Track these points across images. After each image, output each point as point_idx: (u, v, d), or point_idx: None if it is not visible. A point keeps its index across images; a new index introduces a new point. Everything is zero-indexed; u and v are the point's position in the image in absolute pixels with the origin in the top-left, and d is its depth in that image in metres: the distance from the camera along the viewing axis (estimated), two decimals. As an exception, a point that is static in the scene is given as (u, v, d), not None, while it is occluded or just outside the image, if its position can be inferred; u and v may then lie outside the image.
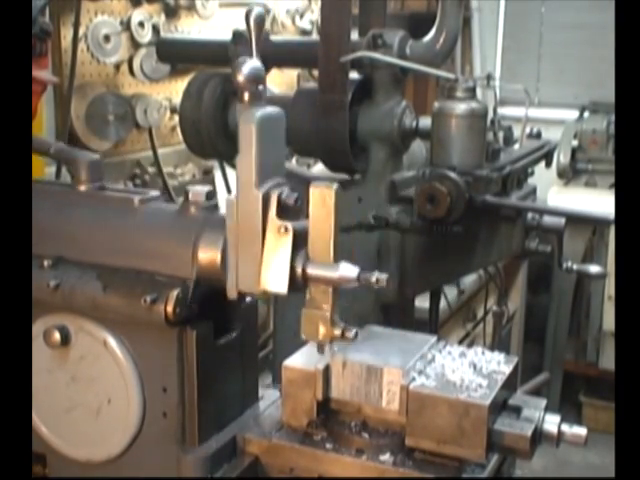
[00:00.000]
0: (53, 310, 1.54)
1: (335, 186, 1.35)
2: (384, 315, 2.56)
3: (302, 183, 1.44)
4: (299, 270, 1.38)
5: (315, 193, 1.35)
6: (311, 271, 1.38)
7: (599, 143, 5.08)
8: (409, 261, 2.53)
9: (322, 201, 1.35)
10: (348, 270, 1.36)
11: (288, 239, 1.37)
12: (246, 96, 1.39)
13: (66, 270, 1.52)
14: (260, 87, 1.41)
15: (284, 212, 1.39)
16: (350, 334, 1.39)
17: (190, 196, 1.52)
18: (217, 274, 1.43)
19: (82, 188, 1.64)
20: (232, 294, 1.42)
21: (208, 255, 1.44)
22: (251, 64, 1.40)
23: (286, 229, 1.37)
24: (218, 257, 1.43)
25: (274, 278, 1.38)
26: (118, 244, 1.53)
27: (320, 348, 1.45)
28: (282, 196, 1.39)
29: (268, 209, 1.38)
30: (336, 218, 1.35)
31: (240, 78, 1.38)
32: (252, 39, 1.48)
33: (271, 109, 1.42)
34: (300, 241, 1.38)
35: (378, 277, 1.35)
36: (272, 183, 1.40)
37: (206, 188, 1.54)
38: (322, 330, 1.39)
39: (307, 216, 1.38)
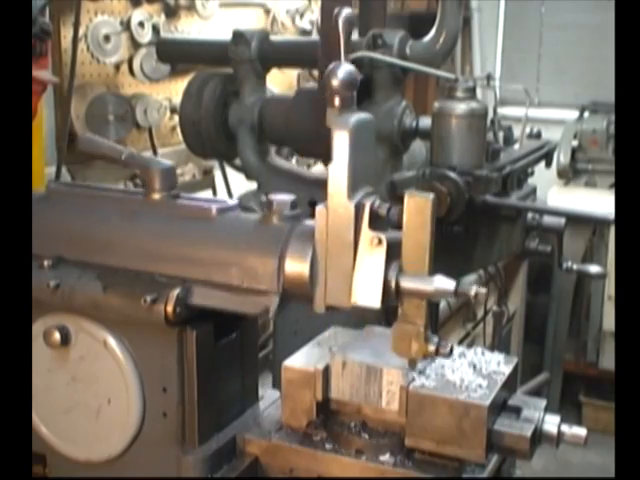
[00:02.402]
0: (53, 310, 1.54)
1: (431, 196, 1.29)
2: (384, 315, 2.55)
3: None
4: (392, 283, 1.32)
5: (410, 203, 1.29)
6: (405, 284, 1.32)
7: (599, 143, 5.08)
8: (409, 261, 2.52)
9: (418, 211, 1.29)
10: (444, 283, 1.30)
11: (381, 251, 1.31)
12: (337, 101, 1.33)
13: (66, 270, 1.52)
14: (354, 93, 1.35)
15: (374, 222, 1.33)
16: (445, 350, 1.33)
17: (274, 205, 1.44)
18: (304, 287, 1.37)
19: (156, 197, 1.56)
20: (320, 308, 1.36)
21: (295, 267, 1.37)
22: (346, 68, 1.34)
23: (380, 241, 1.31)
24: (306, 269, 1.36)
25: (366, 292, 1.32)
26: (196, 256, 1.46)
27: (411, 364, 1.39)
28: (374, 206, 1.33)
29: (361, 220, 1.32)
30: (432, 229, 1.29)
31: (334, 82, 1.32)
32: (341, 40, 1.42)
33: (363, 115, 1.36)
34: (393, 253, 1.32)
35: (478, 291, 1.29)
36: (363, 192, 1.35)
37: (290, 197, 1.46)
38: (415, 346, 1.33)
39: (395, 226, 1.32)
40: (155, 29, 3.47)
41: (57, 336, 1.51)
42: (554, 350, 5.14)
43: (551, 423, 1.44)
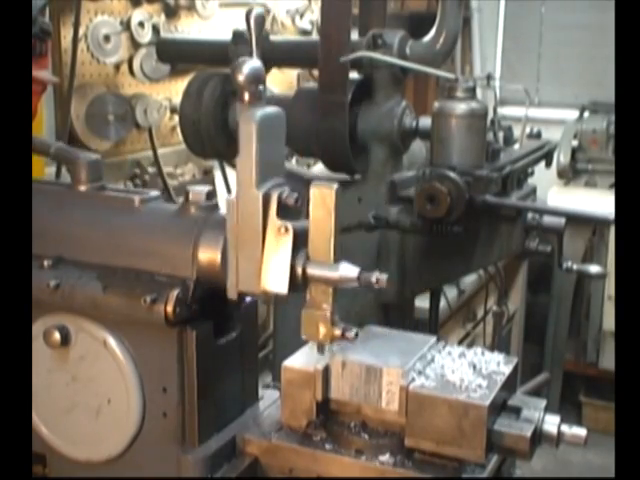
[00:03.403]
0: (53, 310, 1.54)
1: (335, 186, 1.35)
2: (384, 315, 2.56)
3: (302, 183, 1.44)
4: (299, 270, 1.38)
5: (315, 193, 1.36)
6: (311, 271, 1.38)
7: (599, 143, 5.08)
8: (409, 261, 2.53)
9: (322, 201, 1.35)
10: (348, 270, 1.37)
11: (288, 239, 1.37)
12: (246, 96, 1.39)
13: (66, 270, 1.52)
14: (260, 87, 1.41)
15: (284, 212, 1.39)
16: (350, 334, 1.39)
17: (190, 196, 1.52)
18: (217, 274, 1.43)
19: (82, 188, 1.64)
20: (232, 294, 1.42)
21: (208, 255, 1.45)
22: (251, 64, 1.40)
23: (286, 229, 1.37)
24: (218, 257, 1.43)
25: (274, 278, 1.38)
26: (118, 244, 1.53)
27: (320, 348, 1.45)
28: (282, 196, 1.39)
29: (268, 209, 1.38)
30: (336, 218, 1.35)
31: (240, 78, 1.39)
32: (252, 39, 1.48)
33: (271, 109, 1.42)
34: (300, 241, 1.38)
35: (378, 277, 1.36)
36: (272, 183, 1.40)
37: (206, 188, 1.54)
38: (322, 330, 1.39)
39: (307, 216, 1.38)
40: (155, 29, 3.47)
41: (57, 336, 1.51)
42: (554, 350, 5.14)
43: (551, 423, 1.44)
